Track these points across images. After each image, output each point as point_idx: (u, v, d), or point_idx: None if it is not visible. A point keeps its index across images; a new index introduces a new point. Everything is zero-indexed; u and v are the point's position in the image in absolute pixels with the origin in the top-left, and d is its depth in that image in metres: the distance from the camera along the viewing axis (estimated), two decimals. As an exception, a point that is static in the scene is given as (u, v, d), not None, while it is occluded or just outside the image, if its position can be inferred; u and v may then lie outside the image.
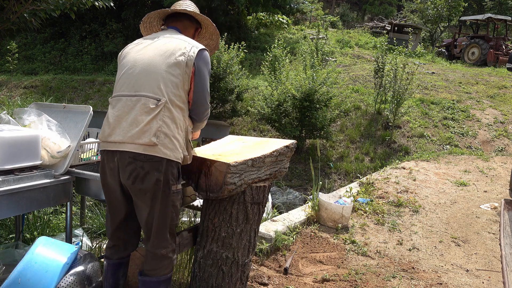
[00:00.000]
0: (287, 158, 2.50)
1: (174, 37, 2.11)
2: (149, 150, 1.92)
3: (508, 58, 14.85)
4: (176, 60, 2.00)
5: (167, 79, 1.98)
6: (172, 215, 2.05)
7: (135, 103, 1.96)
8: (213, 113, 10.03)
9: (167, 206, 2.01)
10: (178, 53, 2.01)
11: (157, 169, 1.94)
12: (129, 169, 1.95)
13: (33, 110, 2.68)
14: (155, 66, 2.00)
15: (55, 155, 2.47)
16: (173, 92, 1.98)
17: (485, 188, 5.46)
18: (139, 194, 1.98)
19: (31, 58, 17.02)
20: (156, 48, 2.05)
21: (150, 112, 1.93)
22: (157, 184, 1.95)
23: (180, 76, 2.00)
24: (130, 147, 1.93)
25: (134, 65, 2.04)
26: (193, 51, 2.04)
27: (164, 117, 1.94)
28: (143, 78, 1.99)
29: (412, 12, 24.57)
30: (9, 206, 2.20)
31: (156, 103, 1.94)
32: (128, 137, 1.93)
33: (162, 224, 2.02)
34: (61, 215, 3.62)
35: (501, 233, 2.37)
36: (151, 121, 1.92)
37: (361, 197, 4.84)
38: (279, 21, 19.29)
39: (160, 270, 2.08)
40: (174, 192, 2.02)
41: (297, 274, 3.16)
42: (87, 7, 4.69)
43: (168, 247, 2.07)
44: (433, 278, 3.20)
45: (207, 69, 2.11)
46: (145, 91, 1.97)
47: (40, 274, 2.04)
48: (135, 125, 1.93)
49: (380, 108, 9.95)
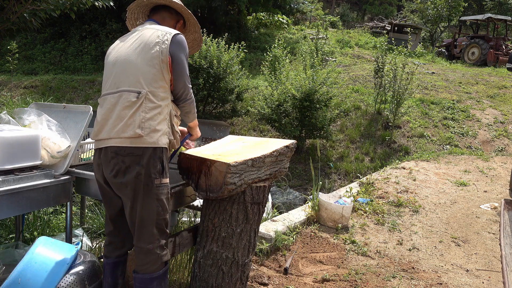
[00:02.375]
0: (287, 158, 2.50)
1: (149, 27, 2.11)
2: (136, 142, 1.94)
3: (508, 58, 14.85)
4: (151, 50, 2.01)
5: (145, 71, 1.99)
6: (157, 210, 2.03)
7: (117, 99, 2.00)
8: (213, 113, 10.03)
9: (151, 200, 2.00)
10: (152, 43, 2.02)
11: (138, 163, 1.96)
12: (111, 164, 1.99)
13: (33, 110, 2.68)
14: (131, 60, 2.02)
15: (55, 155, 2.47)
16: (153, 83, 2.00)
17: (485, 188, 5.45)
18: (121, 188, 2.01)
19: (31, 58, 17.01)
20: (132, 43, 2.07)
21: (132, 105, 1.96)
22: (138, 177, 1.96)
23: (158, 66, 2.01)
24: (116, 141, 1.96)
25: (115, 63, 2.08)
26: (167, 38, 2.04)
27: (147, 108, 1.97)
28: (122, 73, 2.02)
29: (412, 12, 24.57)
30: (9, 206, 2.20)
31: (137, 96, 1.96)
32: (114, 133, 1.97)
33: (146, 218, 2.01)
34: (61, 215, 3.62)
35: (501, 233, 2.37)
36: (134, 114, 1.95)
37: (361, 197, 4.84)
38: (279, 21, 19.29)
39: (148, 266, 2.06)
40: (158, 186, 2.01)
41: (297, 274, 3.16)
42: (87, 7, 4.69)
43: (154, 242, 2.05)
44: (433, 278, 3.20)
45: (184, 53, 2.10)
46: (125, 86, 2.00)
47: (40, 274, 2.04)
48: (119, 120, 1.97)
49: (380, 108, 9.95)
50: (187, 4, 14.04)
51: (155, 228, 2.04)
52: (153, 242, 2.04)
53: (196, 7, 14.97)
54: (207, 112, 9.96)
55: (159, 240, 2.07)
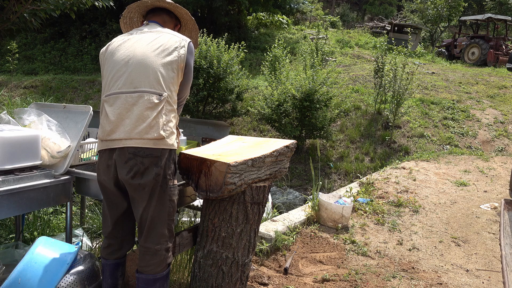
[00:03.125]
0: (287, 158, 2.50)
1: (162, 31, 2.15)
2: (158, 144, 1.97)
3: (508, 58, 14.85)
4: (171, 55, 2.05)
5: (165, 74, 2.02)
6: (169, 210, 2.06)
7: (136, 99, 1.97)
8: (213, 113, 10.03)
9: (165, 200, 2.03)
10: (172, 48, 2.06)
11: (156, 164, 1.97)
12: (129, 165, 1.97)
13: (33, 110, 2.68)
14: (151, 62, 2.02)
15: (55, 155, 2.47)
16: (170, 86, 2.04)
17: (485, 188, 5.45)
18: (138, 189, 1.99)
19: (31, 58, 17.02)
20: (147, 43, 2.07)
21: (155, 107, 1.97)
22: (156, 178, 1.98)
23: (176, 71, 2.06)
24: (137, 142, 1.95)
25: (128, 62, 2.03)
26: (183, 45, 2.10)
27: (166, 110, 2.01)
28: (141, 74, 2.00)
29: (412, 12, 24.58)
30: (9, 206, 2.19)
31: (160, 98, 1.98)
32: (136, 133, 1.95)
33: (158, 218, 2.03)
34: (61, 215, 3.62)
35: (501, 233, 2.37)
36: (157, 116, 1.97)
37: (361, 197, 4.84)
38: (279, 21, 19.30)
39: (154, 267, 2.06)
40: (171, 187, 2.06)
41: (297, 274, 3.16)
42: (87, 7, 4.69)
43: (163, 244, 2.06)
44: (433, 278, 3.20)
45: (193, 61, 2.20)
46: (146, 86, 1.99)
47: (40, 274, 2.04)
48: (141, 121, 1.95)
49: (380, 108, 9.95)
50: (187, 4, 14.04)
51: (166, 229, 2.07)
52: (161, 243, 2.06)
53: (196, 7, 14.98)
54: (207, 112, 9.96)
55: (167, 242, 2.09)
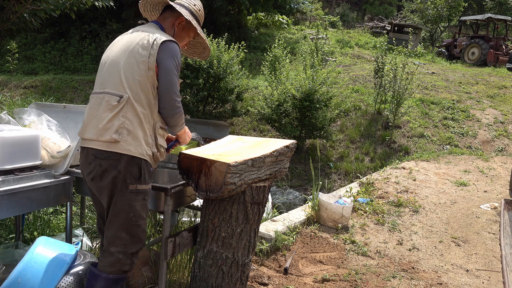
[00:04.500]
0: (287, 158, 2.50)
1: (143, 30, 2.06)
2: (112, 147, 1.92)
3: (508, 58, 14.84)
4: (138, 54, 1.95)
5: (129, 75, 1.95)
6: (128, 216, 1.98)
7: (101, 100, 1.98)
8: (213, 113, 10.03)
9: (123, 205, 1.97)
10: (141, 47, 1.96)
11: (114, 167, 1.94)
12: (91, 167, 1.99)
13: (33, 110, 2.68)
14: (118, 63, 1.98)
15: (55, 155, 2.47)
16: (136, 88, 1.94)
17: (485, 188, 5.45)
18: (98, 190, 2.01)
19: (31, 58, 17.01)
20: (122, 44, 2.03)
21: (113, 109, 1.93)
22: (113, 182, 1.95)
23: (144, 72, 1.94)
24: (94, 144, 1.96)
25: (104, 63, 2.06)
26: (156, 43, 1.96)
27: (127, 113, 1.92)
28: (108, 75, 2.00)
29: (412, 12, 24.56)
30: (9, 206, 2.20)
31: (119, 100, 1.92)
32: (94, 134, 1.96)
33: (115, 221, 1.99)
34: (61, 215, 3.62)
35: (501, 233, 2.37)
36: (113, 118, 1.92)
37: (361, 197, 4.84)
38: (279, 21, 19.29)
39: (104, 266, 2.01)
40: (131, 192, 1.97)
41: (297, 274, 3.16)
42: (87, 7, 4.69)
43: (118, 246, 1.99)
44: (433, 278, 3.20)
45: (173, 62, 1.98)
46: (109, 88, 1.97)
47: (40, 274, 2.04)
48: (99, 123, 1.95)
49: (380, 108, 9.95)
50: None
51: (124, 233, 2.00)
52: (117, 246, 2.00)
53: (196, 7, 14.93)
54: (207, 112, 9.96)
55: (126, 246, 2.01)
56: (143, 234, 2.06)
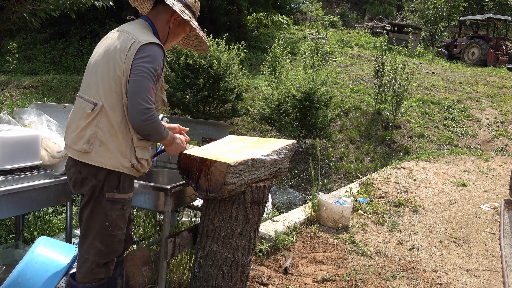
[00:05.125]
0: (287, 158, 2.50)
1: (126, 31, 1.87)
2: (83, 157, 1.84)
3: (508, 58, 14.85)
4: (114, 59, 1.81)
5: (106, 82, 1.82)
6: (103, 224, 1.91)
7: (79, 106, 1.91)
8: (213, 113, 10.03)
9: (98, 213, 1.90)
10: (117, 51, 1.81)
11: (94, 175, 1.87)
12: (71, 172, 1.96)
13: (33, 110, 2.68)
14: (96, 67, 1.87)
15: (55, 155, 2.47)
16: (111, 95, 1.81)
17: (485, 188, 5.45)
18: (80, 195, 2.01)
19: (31, 58, 17.02)
20: (103, 47, 1.90)
21: (87, 117, 1.83)
22: (92, 190, 1.89)
23: (119, 79, 1.80)
24: (69, 151, 1.93)
25: (89, 65, 1.95)
26: (134, 48, 1.79)
27: (100, 123, 1.81)
28: (87, 79, 1.92)
29: (412, 12, 24.57)
30: (9, 206, 2.20)
31: (93, 108, 1.82)
32: (69, 141, 1.92)
33: (90, 228, 1.93)
34: (61, 215, 3.62)
35: (501, 233, 2.37)
36: (86, 127, 1.83)
37: (361, 197, 4.84)
38: (279, 21, 19.29)
39: (81, 275, 1.95)
40: (108, 200, 1.90)
41: (297, 274, 3.16)
42: (87, 7, 4.68)
43: (92, 255, 1.92)
44: (433, 278, 3.20)
45: (148, 65, 1.79)
46: (87, 93, 1.88)
47: (40, 274, 2.04)
48: (73, 130, 1.89)
49: (380, 108, 9.95)
50: None
51: (98, 242, 1.92)
52: (91, 255, 1.93)
53: (196, 7, 14.95)
54: (207, 112, 9.96)
55: (99, 256, 1.93)
56: (119, 245, 1.99)
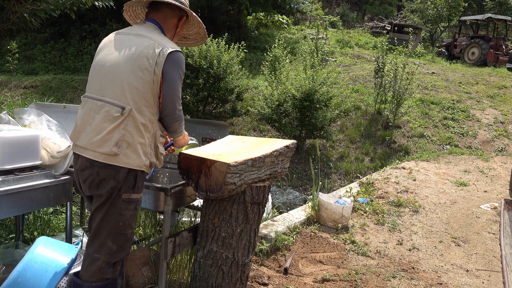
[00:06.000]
0: (287, 158, 2.50)
1: (146, 36, 1.94)
2: (110, 160, 1.87)
3: (508, 58, 14.84)
4: (144, 64, 1.87)
5: (133, 86, 1.87)
6: (117, 224, 1.96)
7: (99, 109, 1.89)
8: (213, 113, 10.03)
9: (114, 213, 1.95)
10: (146, 57, 1.87)
11: (113, 177, 1.90)
12: (86, 174, 1.95)
13: (33, 110, 2.68)
14: (121, 71, 1.88)
15: (55, 155, 2.47)
16: (139, 99, 1.88)
17: (485, 188, 5.45)
18: (95, 198, 1.99)
19: (31, 58, 17.02)
20: (124, 49, 1.92)
21: (114, 120, 1.86)
22: (111, 191, 1.92)
23: (147, 83, 1.88)
24: (90, 154, 1.90)
25: (103, 66, 1.95)
26: (163, 54, 1.88)
27: (128, 125, 1.87)
28: (109, 82, 1.90)
29: (412, 12, 24.57)
30: (9, 206, 2.19)
31: (121, 111, 1.85)
32: (90, 144, 1.89)
33: (103, 228, 1.96)
34: (61, 215, 3.62)
35: (501, 233, 2.37)
36: (113, 130, 1.86)
37: (361, 197, 4.84)
38: (279, 21, 19.29)
39: (86, 274, 1.98)
40: (124, 201, 1.95)
41: (297, 274, 3.16)
42: (87, 7, 4.68)
43: (102, 255, 1.96)
44: (433, 278, 3.20)
45: (178, 73, 1.94)
46: (109, 97, 1.88)
47: (40, 274, 2.04)
48: (96, 133, 1.88)
49: (380, 108, 9.95)
50: (187, 4, 14.02)
51: (110, 241, 1.97)
52: (101, 254, 1.97)
53: (197, 7, 14.98)
54: (207, 112, 9.96)
55: (109, 255, 1.98)
56: (128, 245, 2.05)
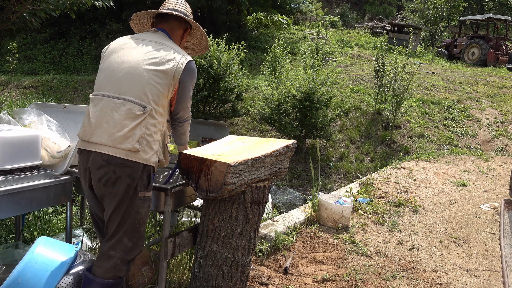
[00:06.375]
0: (287, 158, 2.50)
1: (164, 43, 2.13)
2: (130, 156, 1.94)
3: (508, 58, 14.84)
4: (164, 70, 2.02)
5: (153, 87, 2.00)
6: (134, 222, 2.03)
7: (119, 106, 1.97)
8: (213, 113, 10.03)
9: (131, 211, 2.01)
10: (166, 63, 2.04)
11: (128, 175, 1.96)
12: (101, 172, 1.97)
13: (33, 110, 2.68)
14: (142, 72, 2.00)
15: (55, 155, 2.47)
16: (157, 100, 2.02)
17: (485, 188, 5.45)
18: (108, 196, 2.00)
19: (31, 58, 17.02)
20: (144, 53, 2.06)
21: (136, 118, 1.96)
22: (127, 190, 1.98)
23: (166, 86, 2.04)
24: (110, 150, 1.93)
25: (120, 66, 2.03)
26: (182, 62, 2.07)
27: (148, 123, 1.98)
28: (129, 82, 1.99)
29: (412, 12, 24.57)
30: (9, 206, 2.20)
31: (143, 110, 1.97)
32: (110, 141, 1.93)
33: (121, 227, 2.02)
34: (61, 215, 3.62)
35: (501, 233, 2.37)
36: (136, 127, 1.95)
37: (361, 197, 4.84)
38: (279, 21, 19.29)
39: (101, 270, 2.04)
40: (140, 199, 2.03)
41: (297, 274, 3.16)
42: (87, 7, 4.68)
43: (118, 252, 2.03)
44: (433, 278, 3.20)
45: (192, 81, 2.17)
46: (130, 95, 1.98)
47: (40, 274, 2.04)
48: (118, 129, 1.94)
49: (380, 108, 9.95)
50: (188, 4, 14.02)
51: (126, 239, 2.04)
52: (117, 251, 2.03)
53: (197, 7, 14.98)
54: (207, 112, 9.96)
55: (125, 252, 2.04)
56: (141, 242, 2.12)
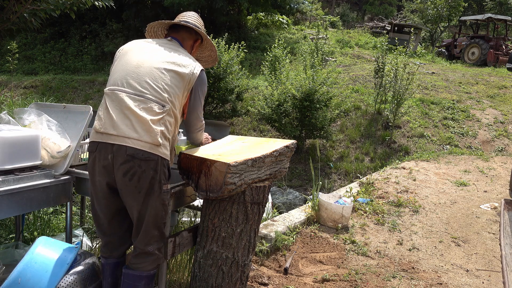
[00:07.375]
0: (287, 158, 2.50)
1: (181, 51, 2.25)
2: (153, 149, 2.02)
3: (508, 58, 14.85)
4: (182, 72, 2.14)
5: (171, 88, 2.10)
6: (161, 214, 2.12)
7: (139, 103, 2.03)
8: (213, 113, 10.03)
9: (158, 204, 2.08)
10: (184, 67, 2.16)
11: (153, 168, 2.02)
12: (126, 167, 1.98)
13: (33, 110, 2.68)
14: (161, 73, 2.10)
15: (55, 155, 2.47)
16: (174, 101, 2.12)
17: (485, 188, 5.45)
18: (133, 191, 2.02)
19: (31, 58, 17.03)
20: (164, 55, 2.17)
21: (156, 115, 2.05)
22: (152, 182, 2.03)
23: (182, 89, 2.15)
24: (134, 143, 1.98)
25: (140, 65, 2.12)
26: (197, 70, 2.20)
27: (166, 121, 2.08)
28: (150, 81, 2.08)
29: (412, 12, 24.57)
30: (9, 206, 2.19)
31: (162, 109, 2.06)
32: (134, 134, 1.98)
33: (151, 221, 2.08)
34: (61, 215, 3.62)
35: (501, 233, 2.37)
36: (157, 123, 2.04)
37: (361, 197, 4.84)
38: (279, 21, 19.30)
39: (145, 265, 2.13)
40: (164, 191, 2.10)
41: (297, 274, 3.16)
42: (87, 7, 4.68)
43: (153, 244, 2.13)
44: (433, 278, 3.20)
45: (202, 90, 2.29)
46: (150, 94, 2.06)
47: (40, 274, 2.04)
48: (141, 124, 2.00)
49: (380, 108, 9.95)
50: (188, 5, 14.04)
51: (157, 231, 2.12)
52: (152, 244, 2.12)
53: (197, 7, 14.99)
54: (207, 112, 9.97)
55: (158, 242, 2.15)
56: (166, 229, 2.23)
